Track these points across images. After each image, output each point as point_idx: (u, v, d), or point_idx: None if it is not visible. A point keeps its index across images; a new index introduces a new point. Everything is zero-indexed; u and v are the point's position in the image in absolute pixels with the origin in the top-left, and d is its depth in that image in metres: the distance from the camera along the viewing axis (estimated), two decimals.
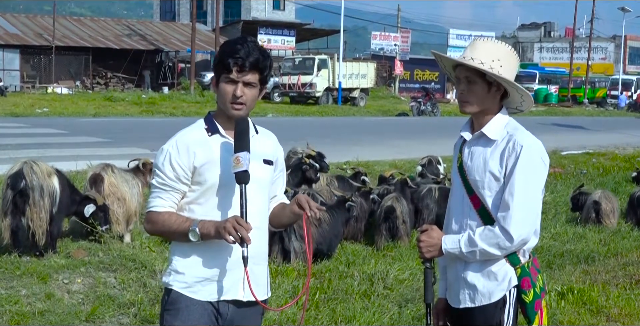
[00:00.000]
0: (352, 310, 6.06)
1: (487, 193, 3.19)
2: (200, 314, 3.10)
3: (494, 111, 3.25)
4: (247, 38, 3.13)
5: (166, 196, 3.12)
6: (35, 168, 6.79)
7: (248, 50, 3.04)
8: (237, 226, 2.91)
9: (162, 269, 6.65)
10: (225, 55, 3.06)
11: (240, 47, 3.04)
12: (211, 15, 51.23)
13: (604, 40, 69.53)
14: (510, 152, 3.14)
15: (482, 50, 3.19)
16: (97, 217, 7.40)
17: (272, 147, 3.30)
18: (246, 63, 3.03)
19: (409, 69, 54.41)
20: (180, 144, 3.10)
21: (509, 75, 3.19)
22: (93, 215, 7.36)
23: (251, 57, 3.04)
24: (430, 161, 11.21)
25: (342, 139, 16.65)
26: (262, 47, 3.14)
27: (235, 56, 3.03)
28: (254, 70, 3.06)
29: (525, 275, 3.22)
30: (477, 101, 3.21)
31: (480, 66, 3.14)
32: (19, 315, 5.62)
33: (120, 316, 5.85)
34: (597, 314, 6.39)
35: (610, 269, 7.86)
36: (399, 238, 8.42)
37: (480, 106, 3.22)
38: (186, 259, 3.12)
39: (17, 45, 39.22)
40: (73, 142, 14.28)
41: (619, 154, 17.12)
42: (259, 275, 3.19)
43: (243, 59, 3.02)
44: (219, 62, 3.08)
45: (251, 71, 3.05)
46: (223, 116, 3.16)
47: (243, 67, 3.03)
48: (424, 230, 3.28)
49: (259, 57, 3.06)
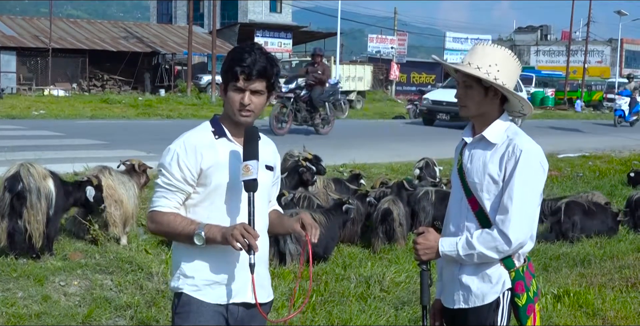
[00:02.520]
0: (349, 312, 6.06)
1: (485, 196, 3.22)
2: (211, 316, 3.12)
3: (494, 115, 3.28)
4: (254, 45, 3.16)
5: (171, 196, 3.13)
6: (32, 170, 6.79)
7: (255, 59, 3.07)
8: (245, 234, 2.93)
9: (159, 271, 6.65)
10: (233, 63, 3.09)
11: (247, 55, 3.07)
12: (208, 18, 51.19)
13: (600, 44, 69.62)
14: (509, 156, 3.17)
15: (480, 55, 3.22)
16: (97, 198, 7.35)
17: (272, 154, 3.35)
18: (253, 71, 3.06)
19: (405, 71, 54.43)
20: (188, 145, 3.12)
21: (507, 79, 3.21)
22: (95, 197, 7.29)
23: (258, 65, 3.06)
24: (427, 164, 11.21)
25: (339, 141, 16.65)
26: (270, 54, 3.17)
27: (242, 65, 3.06)
28: (261, 78, 3.09)
29: (519, 279, 3.25)
30: (473, 105, 3.25)
31: (476, 71, 3.17)
32: (15, 317, 5.62)
33: (116, 318, 5.85)
34: (593, 317, 6.40)
35: (606, 272, 7.87)
36: (396, 240, 8.42)
37: (477, 110, 3.25)
38: (193, 263, 3.14)
39: (13, 47, 39.11)
40: (70, 144, 14.26)
41: (615, 157, 17.14)
42: (263, 278, 3.25)
43: (250, 67, 3.05)
44: (226, 70, 3.11)
45: (258, 79, 3.08)
46: (230, 120, 3.19)
47: (250, 75, 3.06)
48: (421, 232, 3.31)
49: (266, 65, 3.08)
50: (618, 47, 65.06)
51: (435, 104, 24.16)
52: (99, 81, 42.46)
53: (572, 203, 9.63)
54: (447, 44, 59.81)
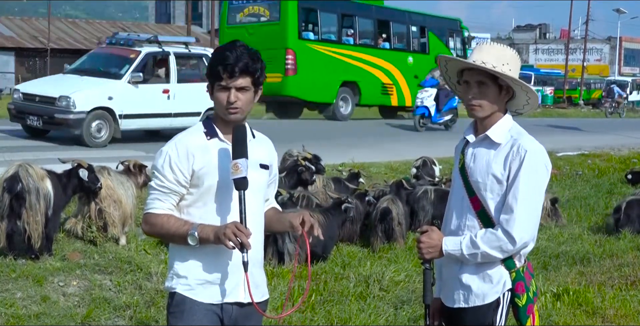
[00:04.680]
0: (348, 311, 6.06)
1: (488, 195, 3.23)
2: (204, 314, 3.14)
3: (500, 114, 3.29)
4: (236, 43, 3.16)
5: (165, 198, 3.15)
6: (30, 170, 6.79)
7: (237, 56, 3.07)
8: (237, 232, 2.95)
9: (158, 271, 6.65)
10: (215, 63, 3.11)
11: (229, 53, 3.08)
12: (206, 18, 51.16)
13: (599, 42, 69.65)
14: (514, 156, 3.18)
15: (491, 54, 3.23)
16: (92, 179, 7.33)
17: (268, 153, 3.35)
18: (235, 68, 3.06)
19: None
20: (180, 147, 3.14)
21: (517, 78, 3.24)
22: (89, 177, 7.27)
23: (240, 62, 3.07)
24: (425, 163, 11.21)
25: (338, 141, 16.64)
26: (253, 50, 3.16)
27: (224, 63, 3.07)
28: (245, 74, 3.09)
29: (519, 279, 3.27)
30: (489, 104, 3.24)
31: (494, 69, 3.17)
32: (14, 318, 5.62)
33: (115, 318, 5.85)
34: (593, 315, 6.40)
35: (605, 271, 7.87)
36: (395, 239, 8.42)
37: (491, 109, 3.25)
38: (186, 262, 3.16)
39: (12, 47, 39.14)
40: (68, 145, 14.22)
41: (614, 155, 17.14)
42: (258, 278, 3.24)
43: (232, 64, 3.06)
44: (210, 70, 3.13)
45: (241, 76, 3.09)
46: (221, 120, 3.20)
47: (233, 72, 3.07)
48: (424, 231, 3.31)
49: (248, 61, 3.09)
50: (617, 45, 65.13)
51: (27, 100, 14.12)
52: None
53: (634, 201, 9.81)
54: None
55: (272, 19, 21.56)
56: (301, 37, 21.54)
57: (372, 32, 23.85)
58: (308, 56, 21.39)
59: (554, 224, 10.01)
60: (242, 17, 22.49)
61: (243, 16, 22.51)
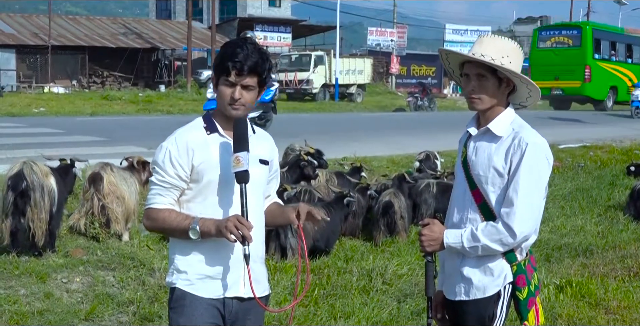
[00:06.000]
0: (351, 305, 6.07)
1: (490, 189, 3.23)
2: (205, 309, 3.14)
3: (501, 107, 3.28)
4: (247, 40, 3.15)
5: (166, 193, 3.15)
6: (35, 168, 6.80)
7: (247, 54, 3.06)
8: (239, 225, 2.95)
9: (161, 267, 6.66)
10: (225, 58, 3.09)
11: (239, 50, 3.07)
12: (207, 13, 51.12)
13: None
14: (515, 149, 3.18)
15: (491, 47, 3.22)
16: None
17: (268, 148, 3.34)
18: (245, 67, 3.06)
19: (405, 64, 54.35)
20: (179, 142, 3.14)
21: (517, 70, 3.23)
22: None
23: (250, 60, 3.06)
24: (428, 156, 11.21)
25: (340, 135, 16.64)
26: (262, 49, 3.16)
27: (234, 60, 3.06)
28: (253, 73, 3.09)
29: (520, 273, 3.26)
30: (488, 97, 3.24)
31: (493, 62, 3.16)
32: (18, 315, 5.63)
33: (119, 314, 5.86)
34: (596, 307, 6.41)
35: (608, 262, 7.87)
36: (397, 233, 8.43)
37: (490, 102, 3.25)
38: (187, 257, 3.16)
39: (13, 45, 39.12)
40: (70, 141, 14.25)
41: (616, 147, 17.10)
42: (259, 273, 3.24)
43: (242, 62, 3.05)
44: (218, 64, 3.11)
45: (250, 75, 3.08)
46: (222, 115, 3.19)
47: (242, 70, 3.06)
48: (426, 224, 3.32)
49: (258, 61, 3.08)
50: None
51: None
52: (99, 78, 42.41)
53: None
54: (447, 36, 59.62)
55: (574, 45, 32.85)
56: (594, 57, 32.98)
57: (623, 52, 35.55)
58: (597, 70, 32.74)
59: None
60: (550, 43, 33.79)
61: (550, 43, 33.79)
